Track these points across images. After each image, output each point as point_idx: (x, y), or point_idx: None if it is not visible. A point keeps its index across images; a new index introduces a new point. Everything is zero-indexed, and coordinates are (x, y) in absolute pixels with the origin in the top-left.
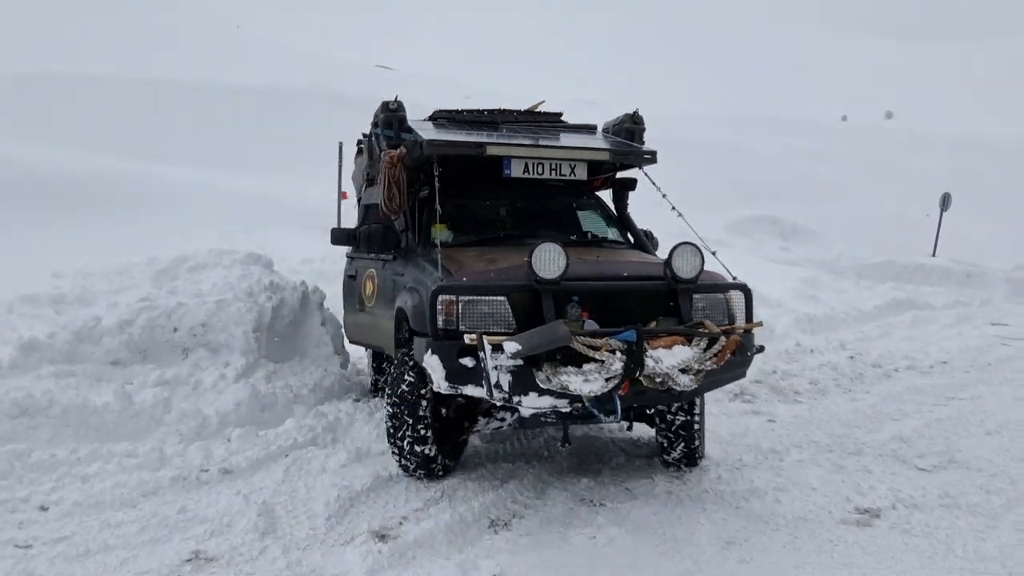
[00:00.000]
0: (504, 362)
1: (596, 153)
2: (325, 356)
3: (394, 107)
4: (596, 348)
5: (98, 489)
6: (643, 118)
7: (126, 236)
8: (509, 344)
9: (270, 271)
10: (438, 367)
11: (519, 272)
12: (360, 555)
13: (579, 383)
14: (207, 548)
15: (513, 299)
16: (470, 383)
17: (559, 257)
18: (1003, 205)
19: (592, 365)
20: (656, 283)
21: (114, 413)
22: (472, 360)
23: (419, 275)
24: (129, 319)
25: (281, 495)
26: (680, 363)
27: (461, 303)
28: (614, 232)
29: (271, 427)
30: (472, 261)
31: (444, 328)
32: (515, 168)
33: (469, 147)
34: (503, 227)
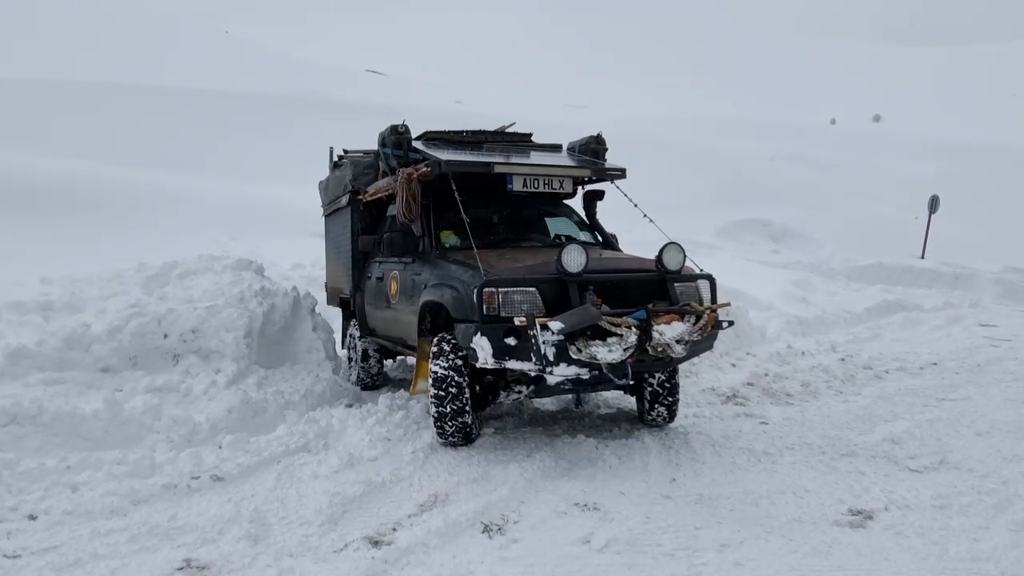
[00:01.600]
0: (550, 338)
1: (580, 171)
2: (317, 362)
3: (402, 130)
4: (617, 324)
5: (88, 498)
6: (605, 139)
7: (116, 242)
8: (554, 323)
9: (261, 277)
10: (487, 346)
11: (545, 267)
12: (353, 562)
13: (604, 352)
14: (198, 556)
15: (543, 289)
16: (514, 358)
17: (581, 255)
18: (991, 207)
19: (614, 338)
20: (651, 274)
21: (104, 421)
22: (515, 339)
23: (447, 273)
24: (119, 326)
25: (273, 502)
26: (677, 335)
27: (502, 293)
28: (586, 235)
29: (262, 433)
30: (497, 260)
31: (488, 314)
32: (516, 183)
33: (480, 166)
34: (499, 232)
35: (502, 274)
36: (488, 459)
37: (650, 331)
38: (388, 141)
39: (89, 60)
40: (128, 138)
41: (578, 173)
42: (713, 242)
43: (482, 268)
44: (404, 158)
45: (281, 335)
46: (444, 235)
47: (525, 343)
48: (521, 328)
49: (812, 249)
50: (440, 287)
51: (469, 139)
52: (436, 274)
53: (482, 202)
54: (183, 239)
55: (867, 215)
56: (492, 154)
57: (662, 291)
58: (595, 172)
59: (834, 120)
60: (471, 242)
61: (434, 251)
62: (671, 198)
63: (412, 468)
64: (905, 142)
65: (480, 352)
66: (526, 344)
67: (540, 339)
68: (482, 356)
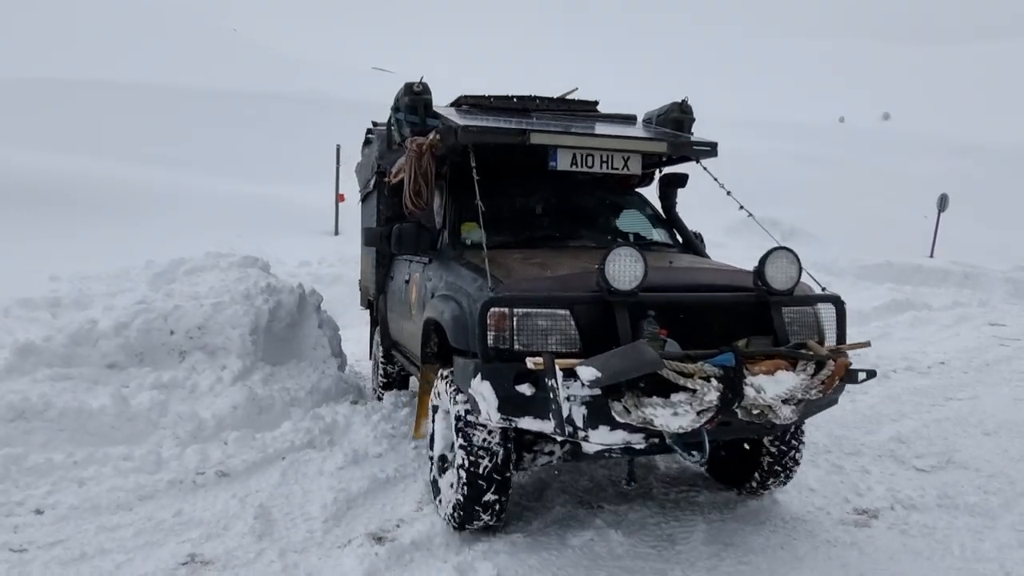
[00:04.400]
0: (578, 392)
1: (653, 144)
2: (322, 358)
3: (419, 89)
4: (689, 375)
5: (94, 492)
6: (692, 107)
7: (123, 240)
8: (585, 370)
9: (267, 274)
10: (489, 395)
11: (583, 280)
12: (357, 558)
13: (667, 417)
14: (203, 551)
15: (578, 312)
16: (528, 414)
17: (636, 264)
18: (1000, 206)
19: (682, 395)
20: (745, 295)
21: (110, 416)
22: (532, 387)
23: (455, 281)
24: (125, 322)
25: (278, 498)
26: (784, 392)
27: (516, 317)
28: (660, 233)
29: (268, 430)
30: (520, 266)
31: (495, 347)
32: (562, 160)
33: (511, 134)
34: (540, 227)
35: (518, 287)
36: None
37: (740, 386)
38: (402, 104)
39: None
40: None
41: (649, 148)
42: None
43: (491, 276)
44: (421, 126)
45: (287, 332)
46: (466, 228)
47: (545, 393)
48: (538, 372)
49: (820, 248)
50: (445, 299)
51: (516, 106)
52: (446, 281)
53: (520, 186)
54: (190, 237)
55: (876, 214)
56: (539, 122)
57: (763, 320)
58: (674, 148)
59: (843, 118)
60: (493, 239)
61: (449, 247)
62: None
63: (416, 465)
64: (914, 140)
65: (481, 403)
66: (546, 396)
67: (562, 393)
68: (483, 409)
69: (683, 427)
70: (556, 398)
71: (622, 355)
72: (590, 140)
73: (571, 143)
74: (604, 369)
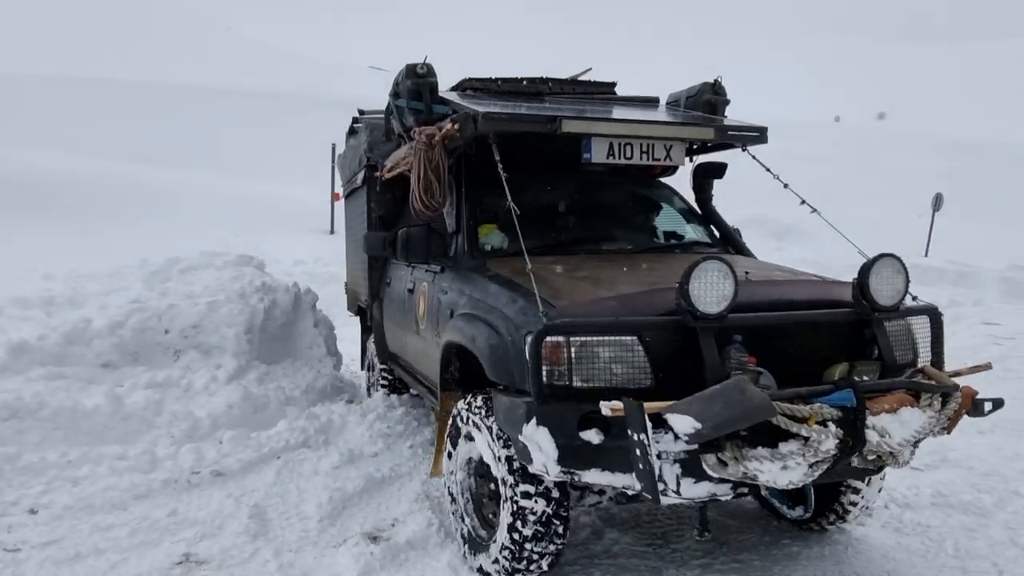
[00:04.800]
0: (671, 447)
1: (699, 131)
2: (318, 358)
3: (423, 72)
4: (803, 420)
5: (88, 492)
6: (725, 88)
7: (118, 238)
8: (681, 420)
9: (262, 272)
10: (547, 444)
11: (651, 300)
12: (352, 557)
13: (774, 472)
14: (198, 551)
15: (648, 340)
16: (595, 466)
17: (725, 280)
18: (996, 205)
19: (793, 444)
20: (845, 313)
21: (105, 415)
22: (600, 434)
23: (483, 298)
24: (120, 321)
25: (273, 497)
26: (912, 435)
27: (574, 347)
28: (696, 230)
29: (263, 429)
30: (566, 282)
31: (551, 383)
32: (597, 150)
33: (539, 122)
34: (566, 228)
35: (575, 311)
36: None
37: (862, 431)
38: (403, 89)
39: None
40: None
41: (695, 135)
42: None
43: (541, 296)
44: (426, 114)
45: (282, 331)
46: (484, 231)
47: (619, 442)
48: (615, 418)
49: (815, 247)
50: (472, 321)
51: (527, 89)
52: (468, 296)
53: (540, 181)
54: (185, 235)
55: (870, 213)
56: (559, 106)
57: (858, 338)
58: (721, 134)
59: (838, 117)
60: (521, 246)
61: (467, 256)
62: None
63: (412, 464)
64: (909, 140)
65: (536, 453)
66: (621, 445)
67: (651, 450)
68: (539, 460)
69: (793, 482)
70: (645, 455)
71: (724, 399)
72: (629, 127)
73: (608, 131)
74: (704, 419)
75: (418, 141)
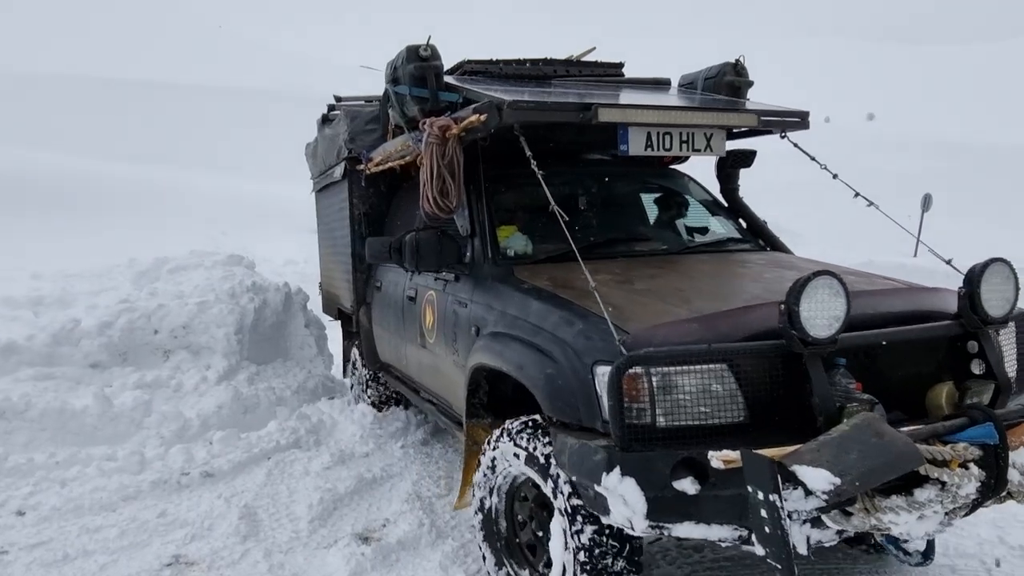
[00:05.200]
0: (801, 505)
1: (741, 118)
2: (308, 358)
3: (427, 54)
4: (945, 463)
5: (77, 493)
6: (747, 68)
7: (107, 238)
8: (814, 473)
9: (252, 272)
10: (634, 496)
11: (742, 320)
12: (343, 557)
13: (911, 523)
14: (188, 552)
15: (740, 368)
16: (690, 519)
17: (837, 299)
18: (984, 205)
19: (931, 490)
20: (953, 325)
21: (93, 416)
22: (696, 483)
23: (522, 316)
24: (109, 321)
25: (263, 498)
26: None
27: (655, 379)
28: (726, 225)
29: (253, 429)
30: (626, 297)
31: (633, 421)
32: (634, 141)
33: (571, 111)
34: (591, 227)
35: (656, 337)
36: None
37: (1004, 471)
38: (404, 74)
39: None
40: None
41: (740, 121)
42: None
43: (611, 320)
44: (432, 103)
45: (273, 331)
46: (503, 234)
47: (718, 491)
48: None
49: (804, 247)
50: (511, 343)
51: (530, 72)
52: (500, 312)
53: (558, 176)
54: (174, 235)
55: (859, 213)
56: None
57: (955, 352)
58: (765, 119)
59: (828, 118)
60: (575, 253)
61: (490, 263)
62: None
63: (403, 464)
64: (899, 140)
65: (618, 505)
66: (720, 494)
67: (783, 512)
68: (620, 513)
69: (928, 533)
70: (777, 518)
71: (859, 446)
72: (669, 115)
73: (645, 119)
74: (842, 471)
75: (429, 134)
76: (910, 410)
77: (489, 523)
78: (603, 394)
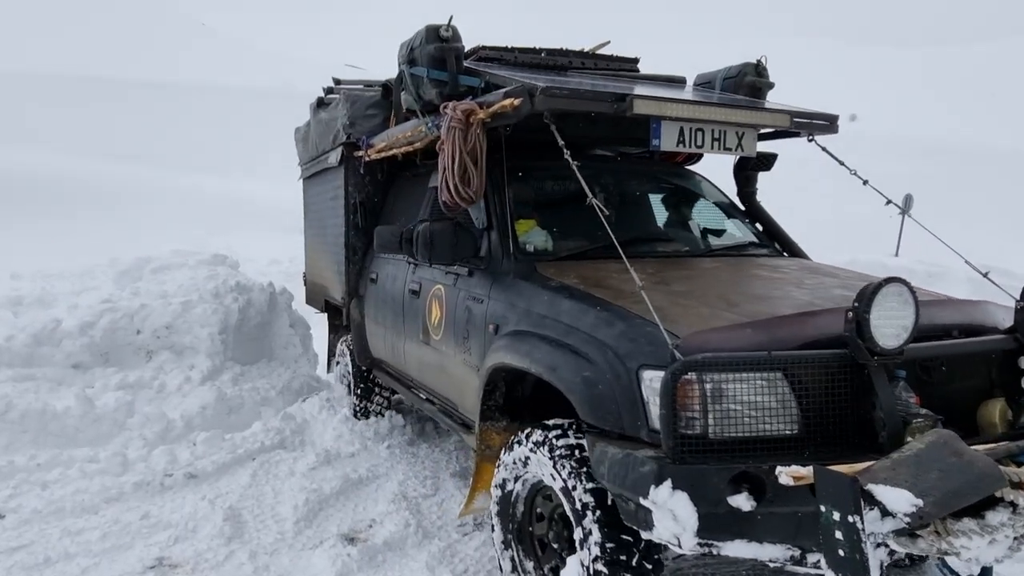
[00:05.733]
0: (877, 527)
1: (774, 117)
2: (293, 358)
3: (447, 35)
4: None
5: (58, 496)
6: (767, 69)
7: (88, 237)
8: (895, 493)
9: (236, 272)
10: (685, 512)
11: (800, 326)
12: (329, 559)
13: (982, 547)
14: (171, 554)
15: (796, 377)
16: (742, 537)
17: (906, 308)
18: (965, 206)
19: (1003, 513)
20: (1006, 339)
21: (75, 418)
22: (751, 499)
23: (552, 315)
24: (90, 321)
25: (248, 499)
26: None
27: (710, 387)
28: (740, 227)
29: (238, 430)
30: (667, 299)
31: (684, 432)
32: (666, 136)
33: (606, 100)
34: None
35: (710, 342)
36: (467, 455)
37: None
38: (421, 55)
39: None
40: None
41: (772, 121)
42: None
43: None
44: (451, 86)
45: (257, 331)
46: (522, 228)
47: (774, 508)
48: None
49: None
50: (537, 342)
51: (547, 62)
52: (524, 310)
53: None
54: (157, 234)
55: (842, 213)
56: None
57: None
58: (797, 121)
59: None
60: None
61: (510, 259)
62: None
63: (390, 464)
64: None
65: (666, 521)
66: (776, 512)
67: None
68: (667, 530)
69: (997, 559)
70: (856, 541)
71: (939, 465)
72: (703, 110)
73: (680, 113)
74: (923, 492)
75: (452, 119)
76: (962, 427)
77: (506, 503)
78: (650, 401)
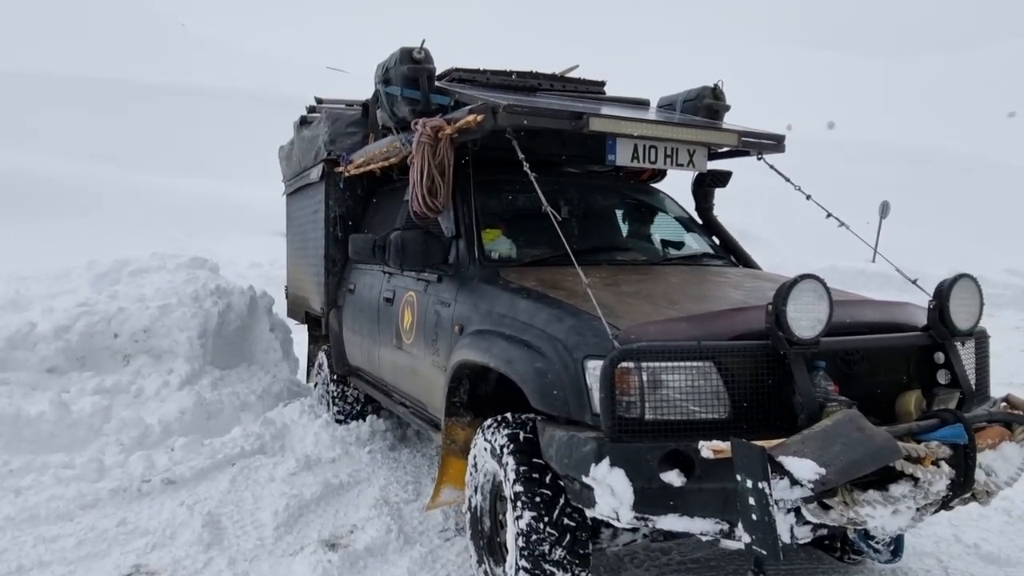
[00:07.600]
0: (786, 494)
1: (722, 136)
2: (273, 362)
3: (420, 56)
4: (919, 460)
5: (32, 502)
6: (724, 93)
7: (64, 239)
8: (801, 463)
9: (216, 275)
10: (622, 487)
11: (729, 321)
12: (310, 565)
13: (886, 517)
14: (148, 561)
15: (725, 366)
16: (674, 511)
17: (821, 302)
18: (941, 212)
19: (905, 486)
20: (922, 336)
21: (50, 423)
22: (682, 476)
23: (510, 314)
24: (66, 325)
25: (227, 505)
26: (1016, 472)
27: (645, 373)
28: (698, 240)
29: (217, 435)
30: (615, 297)
31: (623, 415)
32: (621, 152)
33: (564, 118)
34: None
35: (647, 334)
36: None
37: (972, 470)
38: (395, 75)
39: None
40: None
41: (720, 140)
42: None
43: (603, 316)
44: (423, 104)
45: (237, 335)
46: (488, 237)
47: (703, 484)
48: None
49: (767, 252)
50: (498, 340)
51: (517, 83)
52: (487, 311)
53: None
54: (136, 236)
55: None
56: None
57: (923, 363)
58: (746, 140)
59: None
60: (570, 256)
61: (476, 264)
62: None
63: (371, 470)
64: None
65: (604, 496)
66: (705, 487)
67: (771, 495)
68: (607, 505)
69: (900, 528)
70: (765, 505)
71: (843, 439)
72: (656, 128)
73: (634, 131)
74: (827, 462)
75: (422, 134)
76: (881, 416)
77: (476, 522)
78: (593, 387)
